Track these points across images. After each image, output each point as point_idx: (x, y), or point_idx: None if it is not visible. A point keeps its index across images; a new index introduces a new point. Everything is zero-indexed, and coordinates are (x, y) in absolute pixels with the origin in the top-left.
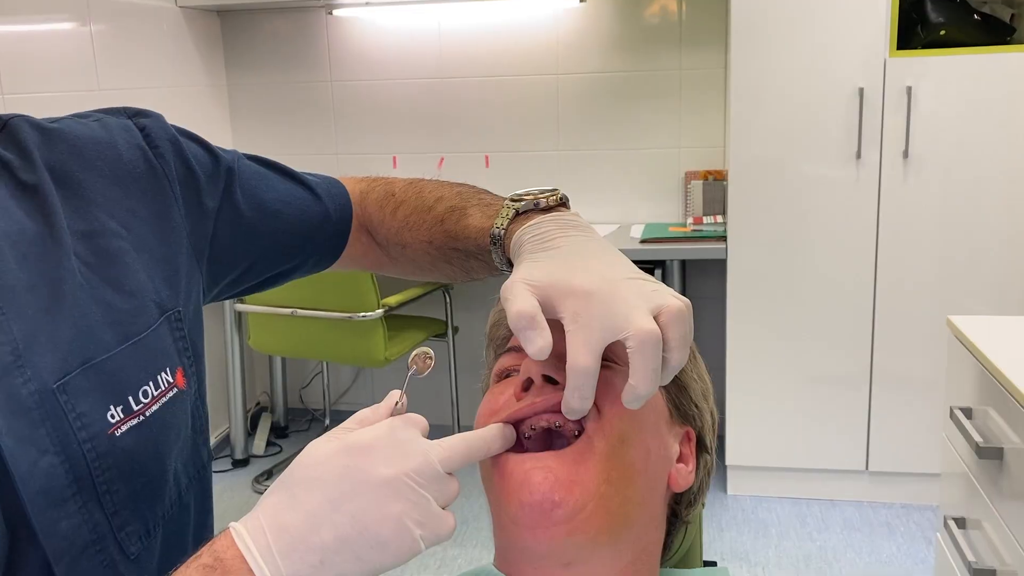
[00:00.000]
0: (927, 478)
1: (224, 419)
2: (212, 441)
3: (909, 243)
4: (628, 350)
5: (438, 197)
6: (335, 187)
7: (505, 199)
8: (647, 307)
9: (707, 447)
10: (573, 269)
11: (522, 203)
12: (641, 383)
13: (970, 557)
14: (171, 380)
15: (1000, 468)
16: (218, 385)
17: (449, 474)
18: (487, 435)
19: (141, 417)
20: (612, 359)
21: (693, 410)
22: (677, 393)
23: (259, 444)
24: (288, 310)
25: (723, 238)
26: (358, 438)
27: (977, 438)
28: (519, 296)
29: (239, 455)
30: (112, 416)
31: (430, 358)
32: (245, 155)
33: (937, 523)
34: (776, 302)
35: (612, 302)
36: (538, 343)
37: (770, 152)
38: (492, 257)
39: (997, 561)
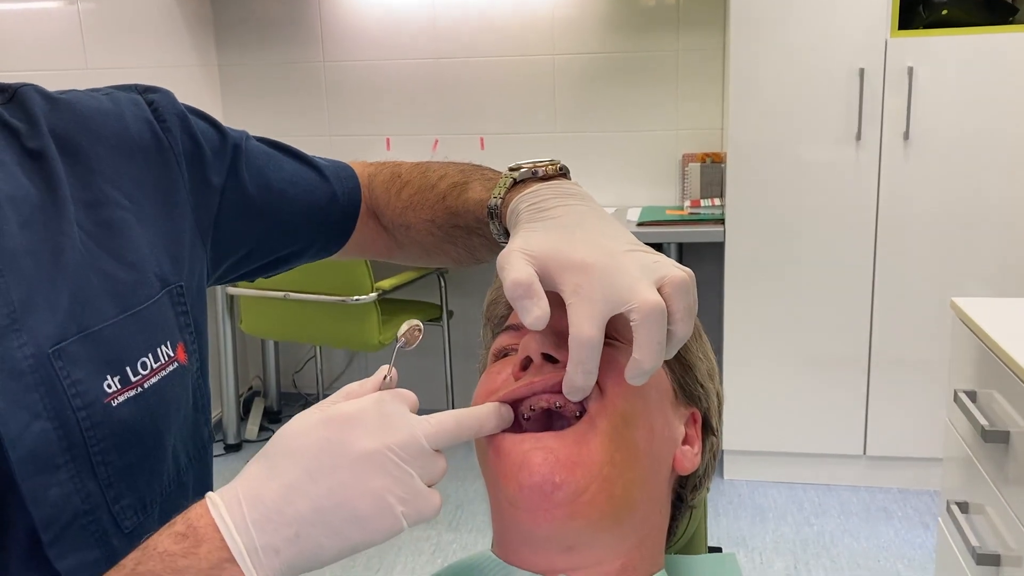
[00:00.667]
0: (925, 463)
1: (216, 404)
2: None
3: (909, 225)
4: (632, 323)
5: (442, 175)
6: (344, 170)
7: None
8: (650, 279)
9: (713, 429)
10: (572, 240)
11: (520, 172)
12: (646, 357)
13: (974, 542)
14: (171, 354)
15: (1006, 452)
16: (210, 369)
17: (437, 452)
18: (480, 413)
19: (139, 389)
20: (613, 336)
21: (699, 390)
22: (682, 373)
23: (252, 429)
24: (281, 293)
25: (721, 221)
26: (342, 410)
27: (983, 421)
28: (515, 265)
29: (232, 440)
30: (109, 386)
31: (419, 330)
32: (254, 137)
33: (936, 508)
34: (774, 285)
35: (614, 274)
36: (535, 312)
37: (769, 134)
38: (491, 229)
39: (1001, 546)
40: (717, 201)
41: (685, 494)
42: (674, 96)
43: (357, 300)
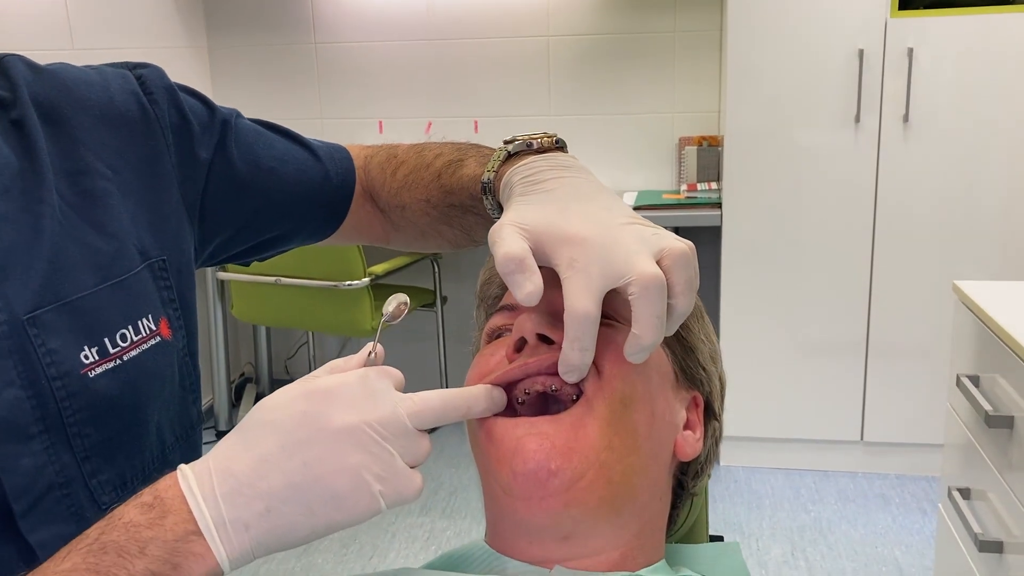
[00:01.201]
0: (923, 448)
1: (208, 390)
2: None
3: (908, 209)
4: (630, 297)
5: (437, 154)
6: (339, 152)
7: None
8: (649, 251)
9: (716, 414)
10: (567, 213)
11: (514, 144)
12: (646, 332)
13: (976, 529)
14: (153, 328)
15: (1010, 437)
16: (201, 355)
17: (422, 432)
18: (469, 394)
19: (117, 361)
20: (612, 316)
21: (701, 374)
22: (684, 355)
23: (243, 415)
24: (272, 278)
25: (718, 205)
26: (323, 383)
27: (986, 406)
28: (507, 238)
29: (223, 426)
30: (86, 357)
31: (405, 304)
32: (246, 117)
33: (936, 494)
34: (771, 270)
35: (611, 247)
36: (527, 288)
37: (767, 117)
38: (484, 205)
39: (1004, 533)
40: (714, 185)
41: (686, 481)
42: (670, 78)
43: (350, 285)
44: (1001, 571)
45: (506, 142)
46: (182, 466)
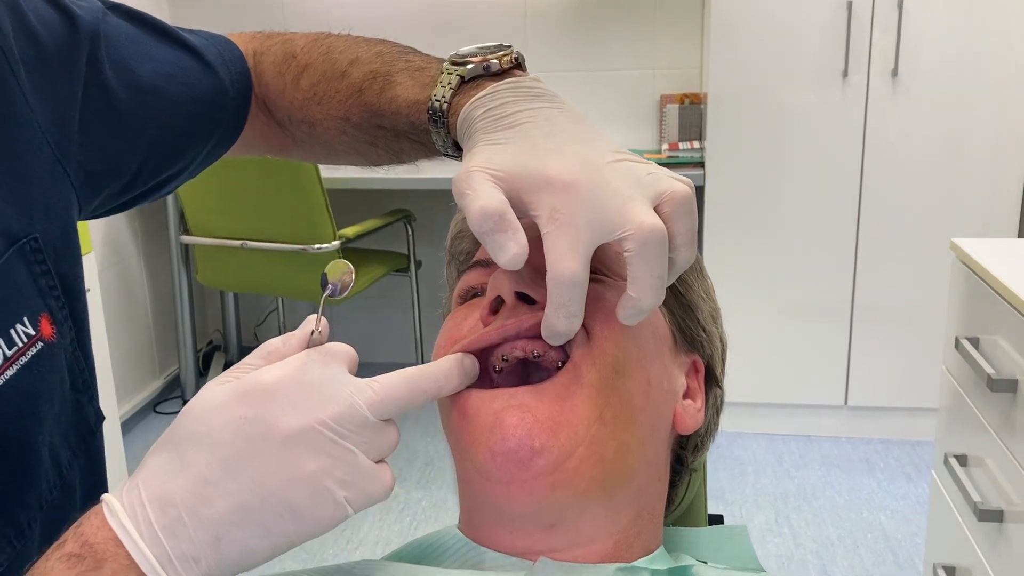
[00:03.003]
0: (908, 412)
1: (174, 359)
2: (161, 381)
3: (896, 168)
4: (626, 254)
5: (352, 59)
6: (228, 50)
7: (443, 61)
8: (645, 196)
9: (717, 379)
10: (544, 152)
11: (468, 68)
12: (645, 294)
13: (975, 497)
14: (32, 332)
15: (1013, 401)
16: (167, 323)
17: (386, 421)
18: (437, 371)
19: None
20: (599, 269)
21: (701, 335)
22: (682, 314)
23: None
24: (238, 242)
25: (700, 164)
26: (259, 379)
27: (989, 370)
28: (480, 189)
29: (190, 396)
30: None
31: (350, 274)
32: (105, 3)
33: (921, 458)
34: (755, 231)
35: (600, 193)
36: (511, 249)
37: (751, 72)
38: (432, 137)
39: (1004, 501)
40: (696, 144)
41: (685, 456)
42: (652, 33)
43: (319, 249)
44: (1001, 540)
45: (455, 63)
46: (107, 498)
